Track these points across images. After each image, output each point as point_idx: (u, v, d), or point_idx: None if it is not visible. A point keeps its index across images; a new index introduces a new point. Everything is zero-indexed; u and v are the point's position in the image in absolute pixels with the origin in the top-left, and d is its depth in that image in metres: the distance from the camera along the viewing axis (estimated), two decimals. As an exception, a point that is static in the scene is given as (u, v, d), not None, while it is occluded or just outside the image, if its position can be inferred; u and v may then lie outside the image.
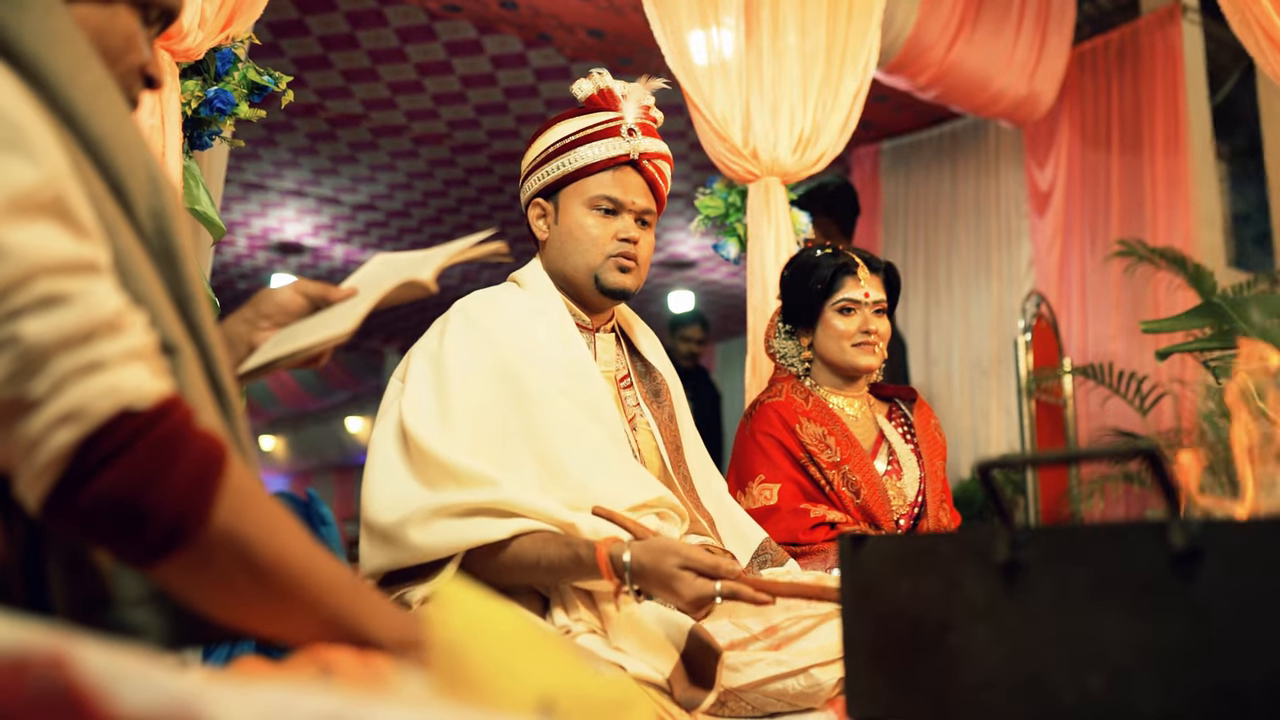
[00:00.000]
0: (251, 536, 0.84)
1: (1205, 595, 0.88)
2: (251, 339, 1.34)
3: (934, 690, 1.07)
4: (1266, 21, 2.73)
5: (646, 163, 1.99)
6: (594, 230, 1.96)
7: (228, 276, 9.58)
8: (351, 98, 6.14)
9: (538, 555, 1.69)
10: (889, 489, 2.41)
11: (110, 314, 0.81)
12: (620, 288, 1.97)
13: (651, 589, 1.64)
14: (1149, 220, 5.23)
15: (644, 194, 2.00)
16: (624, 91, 2.01)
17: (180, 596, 0.85)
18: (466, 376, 1.83)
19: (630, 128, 1.97)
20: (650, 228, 2.04)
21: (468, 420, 1.79)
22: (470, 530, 1.69)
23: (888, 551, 1.14)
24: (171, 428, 0.81)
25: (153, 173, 0.97)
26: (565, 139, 1.98)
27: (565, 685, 0.68)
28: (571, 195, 1.98)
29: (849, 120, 3.20)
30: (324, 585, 0.89)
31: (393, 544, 1.74)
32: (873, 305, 2.45)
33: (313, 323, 1.32)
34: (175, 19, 1.14)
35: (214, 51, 2.26)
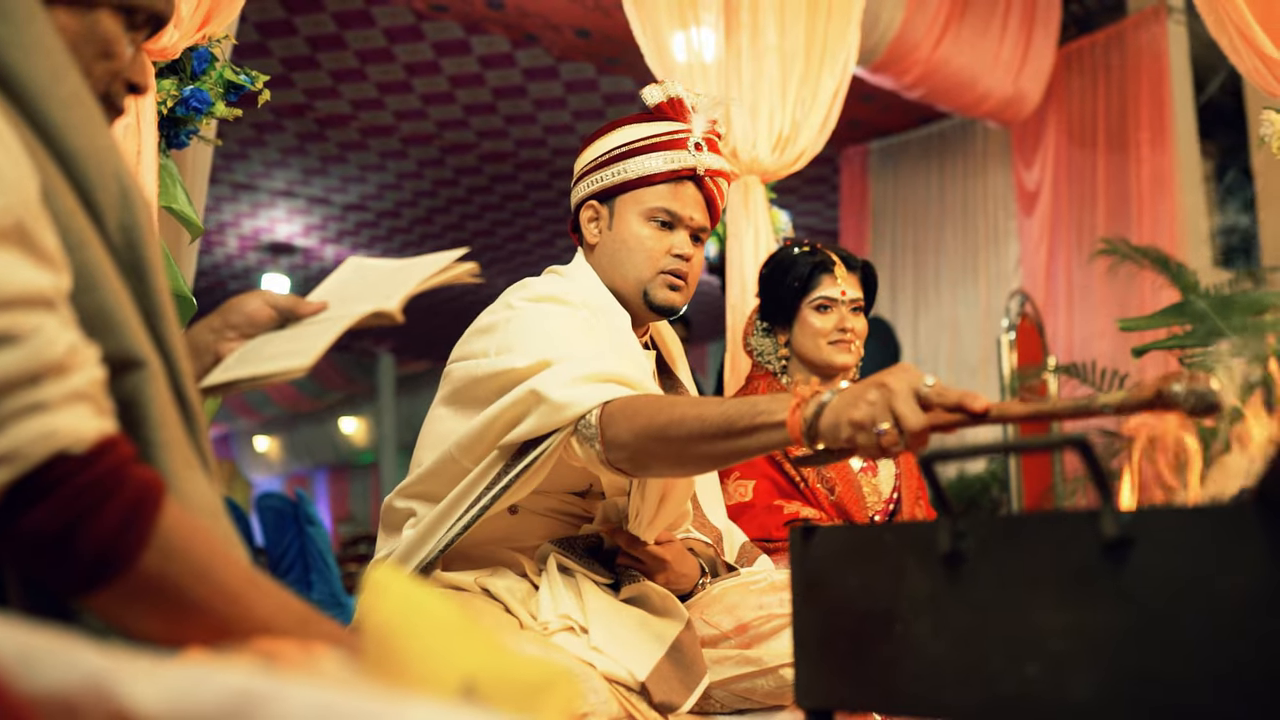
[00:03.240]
0: (182, 576, 0.85)
1: (1135, 583, 0.90)
2: (218, 349, 1.33)
3: (881, 681, 1.09)
4: (1240, 21, 2.75)
5: (708, 179, 1.93)
6: (649, 243, 1.90)
7: (218, 277, 9.59)
8: (340, 98, 6.15)
9: (700, 413, 1.47)
10: (864, 486, 2.43)
11: (59, 355, 0.81)
12: (669, 305, 1.93)
13: (848, 405, 1.28)
14: (1135, 219, 5.25)
15: (701, 210, 1.94)
16: (694, 103, 1.96)
17: (114, 624, 0.86)
18: (557, 316, 1.78)
19: (697, 142, 1.92)
20: (702, 245, 1.99)
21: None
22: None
23: (837, 544, 1.15)
24: (104, 470, 0.82)
25: (124, 185, 0.97)
26: (629, 144, 1.92)
27: (488, 668, 0.69)
28: (628, 203, 1.92)
29: (828, 119, 3.22)
30: (261, 621, 0.90)
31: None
32: (849, 303, 2.46)
33: (278, 342, 1.30)
34: (165, 24, 1.13)
35: (191, 51, 2.26)
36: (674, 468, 1.61)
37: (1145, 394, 1.12)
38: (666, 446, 1.51)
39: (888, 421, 1.22)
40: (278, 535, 5.36)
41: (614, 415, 1.56)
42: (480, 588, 1.77)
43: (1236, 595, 0.85)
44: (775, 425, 1.37)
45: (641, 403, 1.56)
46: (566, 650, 1.64)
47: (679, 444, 1.48)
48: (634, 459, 1.55)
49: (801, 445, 1.35)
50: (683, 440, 1.48)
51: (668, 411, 1.51)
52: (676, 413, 1.50)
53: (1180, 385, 1.08)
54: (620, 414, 1.55)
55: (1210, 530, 0.87)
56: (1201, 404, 1.07)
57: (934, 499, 1.06)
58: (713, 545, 2.02)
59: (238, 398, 13.99)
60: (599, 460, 1.58)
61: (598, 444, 1.56)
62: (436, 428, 1.84)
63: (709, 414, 1.45)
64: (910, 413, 1.20)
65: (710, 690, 1.75)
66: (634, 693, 1.64)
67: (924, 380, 1.23)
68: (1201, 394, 1.07)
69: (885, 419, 1.22)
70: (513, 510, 1.83)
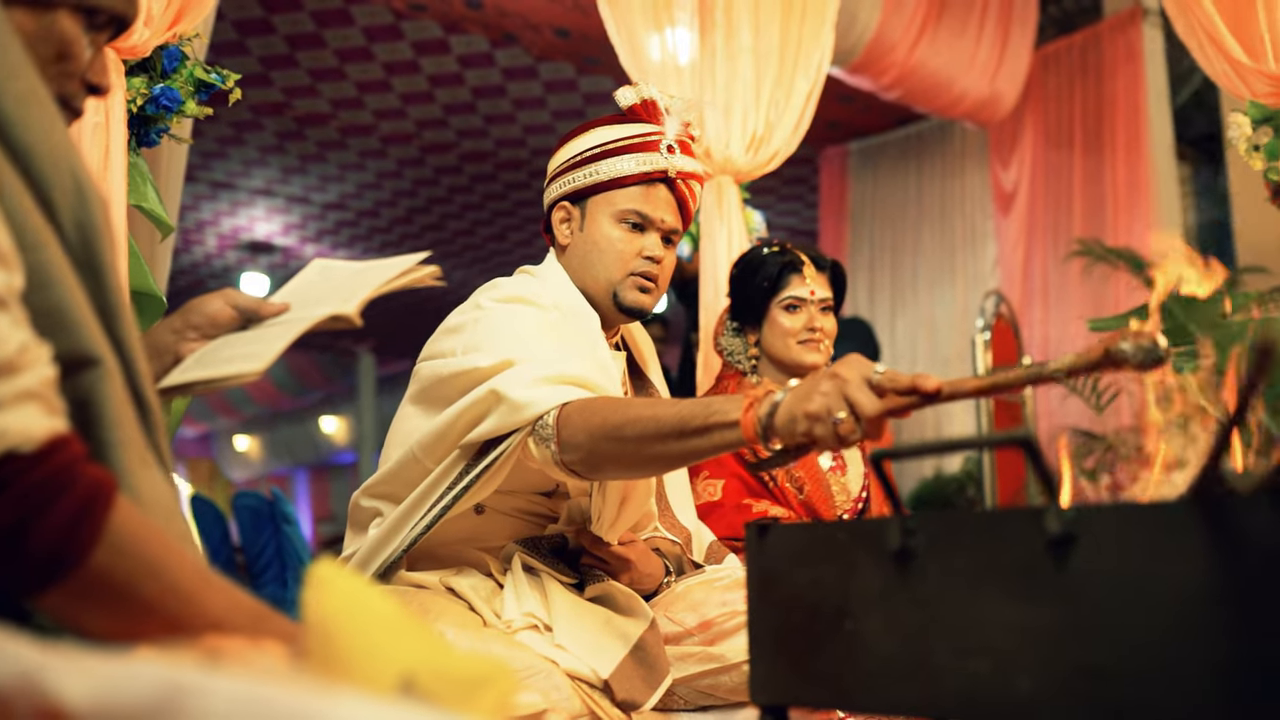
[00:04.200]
0: (133, 574, 0.85)
1: (1077, 579, 0.91)
2: (178, 349, 1.33)
3: (833, 677, 1.10)
4: (1210, 26, 2.77)
5: (680, 181, 1.93)
6: (620, 245, 1.90)
7: (197, 276, 9.56)
8: (319, 97, 6.14)
9: (654, 413, 1.47)
10: (833, 484, 2.44)
11: (9, 354, 0.81)
12: (638, 307, 1.93)
13: (801, 399, 1.29)
14: (1110, 221, 5.28)
15: (673, 212, 1.94)
16: (667, 105, 1.96)
17: (65, 623, 0.87)
18: (525, 316, 1.78)
19: (670, 144, 1.92)
20: (674, 247, 1.99)
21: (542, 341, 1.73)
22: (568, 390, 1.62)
23: (791, 541, 1.16)
24: (54, 469, 0.82)
25: (80, 183, 0.97)
26: (602, 146, 1.92)
27: (426, 663, 0.69)
28: (600, 205, 1.92)
29: (802, 120, 3.23)
30: (213, 619, 0.90)
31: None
32: (819, 303, 2.47)
33: (237, 344, 1.30)
34: (128, 25, 1.12)
35: (161, 49, 2.26)
36: (628, 469, 1.61)
37: (1094, 355, 1.15)
38: (621, 447, 1.51)
39: (843, 410, 1.23)
40: (254, 534, 5.36)
41: (570, 416, 1.56)
42: (445, 586, 1.78)
43: (1175, 590, 0.86)
44: (729, 424, 1.38)
45: (598, 404, 1.57)
46: (530, 648, 1.65)
47: (633, 444, 1.49)
48: (588, 460, 1.56)
49: (756, 444, 1.36)
50: (637, 440, 1.48)
51: (622, 412, 1.52)
52: (631, 413, 1.50)
53: (1127, 342, 1.11)
54: (577, 415, 1.56)
55: (1150, 527, 0.88)
56: (1149, 358, 1.10)
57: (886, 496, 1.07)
58: (680, 544, 2.03)
59: (217, 396, 13.95)
60: (553, 461, 1.58)
61: (553, 445, 1.57)
62: (403, 426, 1.84)
63: (663, 414, 1.45)
64: (865, 399, 1.22)
65: (673, 687, 1.75)
66: (597, 690, 1.65)
67: (874, 368, 1.25)
68: (1148, 349, 1.10)
69: (841, 408, 1.24)
70: (479, 510, 1.84)
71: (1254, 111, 2.75)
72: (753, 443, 1.36)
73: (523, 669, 1.56)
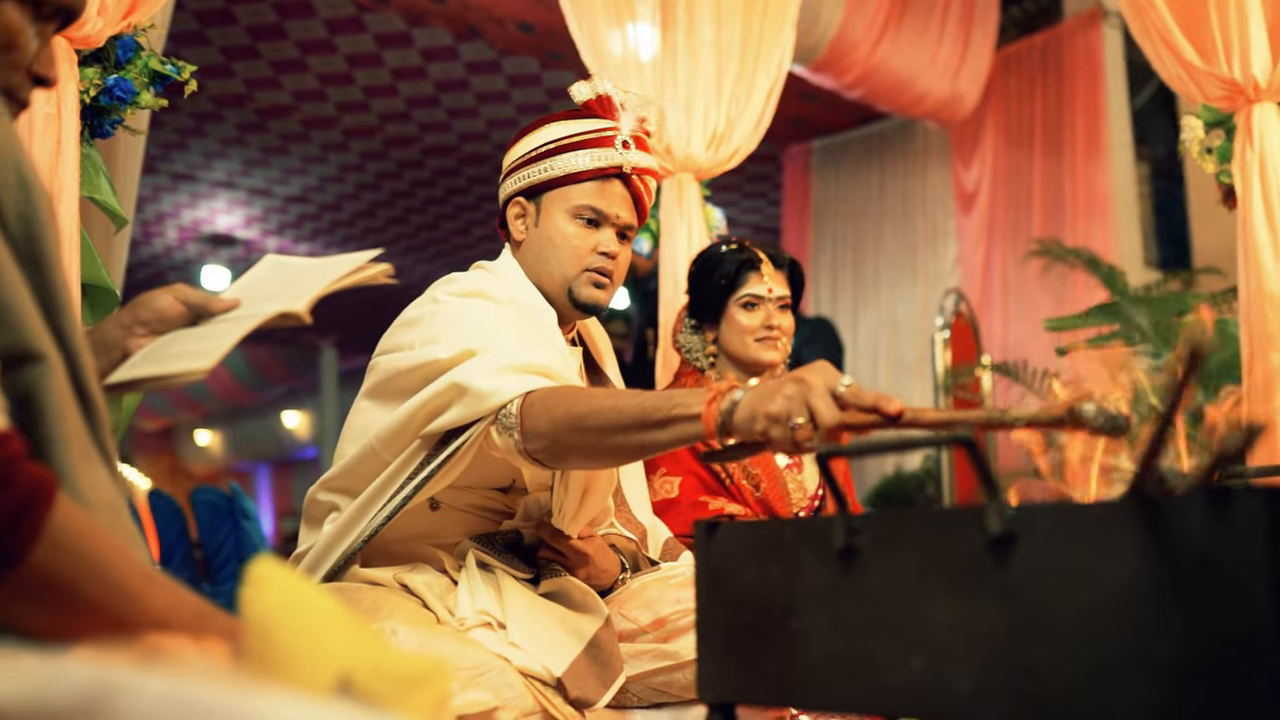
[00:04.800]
0: (74, 572, 0.85)
1: (1018, 577, 0.92)
2: (126, 345, 1.32)
3: (779, 674, 1.10)
4: (1163, 28, 2.79)
5: (636, 177, 1.93)
6: (575, 240, 1.90)
7: (157, 269, 9.47)
8: (281, 89, 6.09)
9: (616, 404, 1.49)
10: (789, 482, 2.45)
11: None
12: (593, 302, 1.93)
13: (764, 398, 1.30)
14: (1069, 221, 5.34)
15: (628, 208, 1.94)
16: (622, 101, 1.96)
17: (4, 621, 0.86)
18: (483, 310, 1.78)
19: (625, 140, 1.92)
20: (629, 242, 1.99)
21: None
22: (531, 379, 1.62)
23: (739, 539, 1.17)
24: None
25: (23, 176, 0.96)
26: (557, 141, 1.91)
27: (364, 661, 0.69)
28: (555, 200, 1.92)
29: (763, 118, 3.23)
30: (156, 618, 0.90)
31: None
32: (776, 301, 2.48)
33: (185, 340, 1.29)
34: (76, 16, 1.11)
35: (115, 39, 2.24)
36: (590, 459, 1.62)
37: (1057, 412, 1.16)
38: (583, 437, 1.52)
39: (803, 416, 1.24)
40: (213, 530, 5.33)
41: (533, 405, 1.57)
42: (399, 583, 1.77)
43: (1112, 588, 0.87)
44: (690, 418, 1.39)
45: (561, 393, 1.58)
46: (483, 646, 1.65)
47: (595, 434, 1.50)
48: (551, 449, 1.56)
49: (715, 439, 1.37)
50: (599, 431, 1.49)
51: (585, 402, 1.53)
52: (594, 403, 1.51)
53: (1091, 406, 1.12)
54: (540, 404, 1.56)
55: (1088, 525, 0.89)
56: (1110, 425, 1.11)
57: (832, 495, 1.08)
58: (635, 541, 2.04)
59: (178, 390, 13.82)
60: (516, 450, 1.58)
61: (516, 433, 1.57)
62: (359, 420, 1.83)
63: (626, 405, 1.47)
64: (826, 408, 1.23)
65: (627, 684, 1.76)
66: (550, 688, 1.65)
67: (841, 380, 1.26)
68: (1111, 416, 1.11)
69: (801, 413, 1.24)
70: (434, 506, 1.84)
71: (1206, 115, 2.79)
72: (711, 437, 1.37)
73: (474, 667, 1.56)
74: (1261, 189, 2.66)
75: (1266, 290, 2.64)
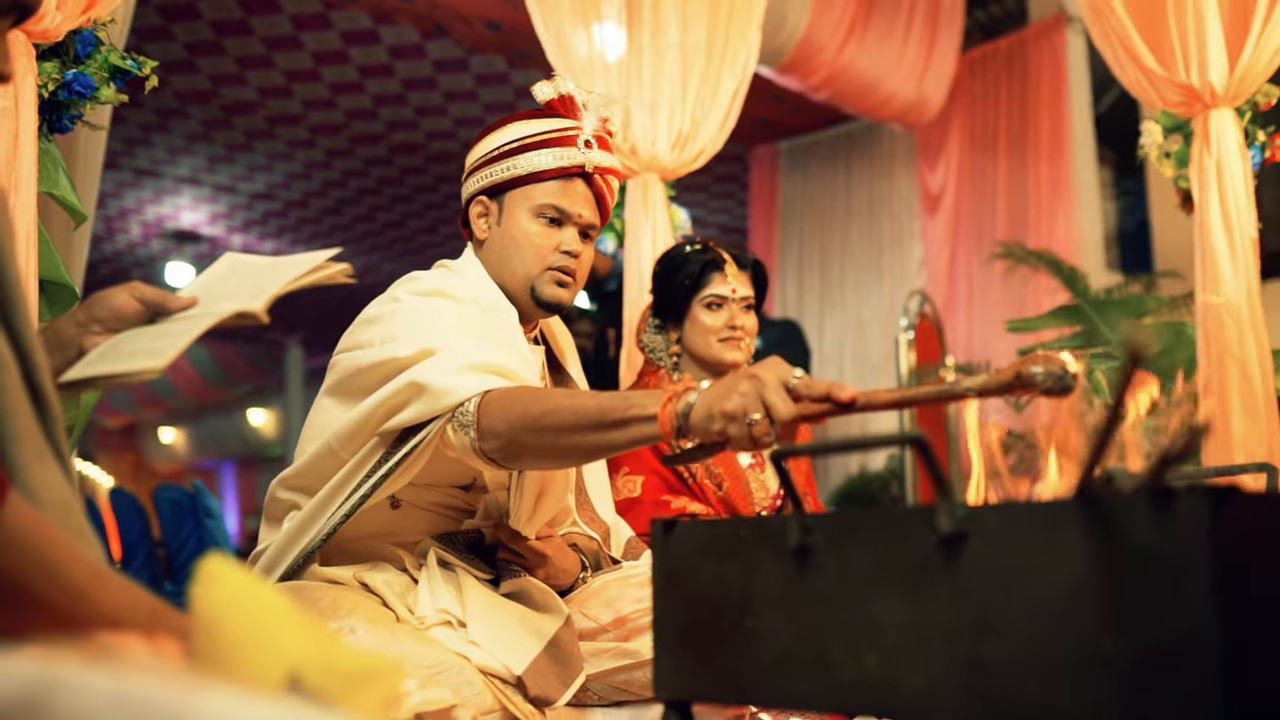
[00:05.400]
0: (24, 570, 0.84)
1: (968, 576, 0.93)
2: (81, 343, 1.31)
3: (734, 672, 1.11)
4: (1124, 35, 2.83)
5: (598, 176, 1.94)
6: (537, 239, 1.90)
7: (121, 264, 9.38)
8: (246, 85, 6.05)
9: (573, 404, 1.49)
10: (752, 482, 2.46)
11: None
12: (556, 301, 1.93)
13: (719, 397, 1.32)
14: (1033, 224, 5.38)
15: (591, 207, 1.95)
16: (584, 101, 1.96)
17: None
18: (443, 308, 1.78)
19: (588, 139, 1.92)
20: (591, 241, 1.99)
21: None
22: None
23: (696, 537, 1.17)
24: None
25: None
26: (519, 140, 1.91)
27: (313, 658, 0.69)
28: (518, 199, 1.92)
29: (728, 118, 3.24)
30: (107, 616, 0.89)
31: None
32: (740, 301, 2.49)
33: (141, 339, 1.28)
34: (32, 12, 1.10)
35: (74, 33, 2.21)
36: (546, 459, 1.62)
37: (1005, 377, 1.20)
38: (540, 437, 1.52)
39: (759, 412, 1.26)
40: (175, 527, 5.29)
41: (491, 404, 1.57)
42: (358, 582, 1.77)
43: (1060, 586, 0.88)
44: (647, 419, 1.40)
45: (518, 393, 1.58)
46: (442, 644, 1.65)
47: (552, 434, 1.50)
48: (506, 449, 1.57)
49: (672, 440, 1.39)
50: (556, 431, 1.50)
51: (542, 402, 1.53)
52: (551, 403, 1.52)
53: (1037, 367, 1.15)
54: (497, 403, 1.57)
55: (1036, 524, 0.91)
56: (1058, 385, 1.15)
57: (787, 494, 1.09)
58: (597, 540, 2.04)
59: (142, 388, 13.71)
60: (471, 449, 1.58)
61: (472, 432, 1.57)
62: (320, 419, 1.83)
63: (582, 405, 1.47)
64: (781, 402, 1.26)
65: (587, 683, 1.76)
66: (510, 686, 1.65)
67: (792, 373, 1.28)
68: (1058, 375, 1.15)
69: (756, 409, 1.27)
70: (394, 504, 1.83)
71: (1165, 120, 2.82)
72: (668, 437, 1.38)
73: (433, 665, 1.56)
74: (1218, 193, 2.70)
75: (1222, 293, 2.68)
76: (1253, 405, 2.64)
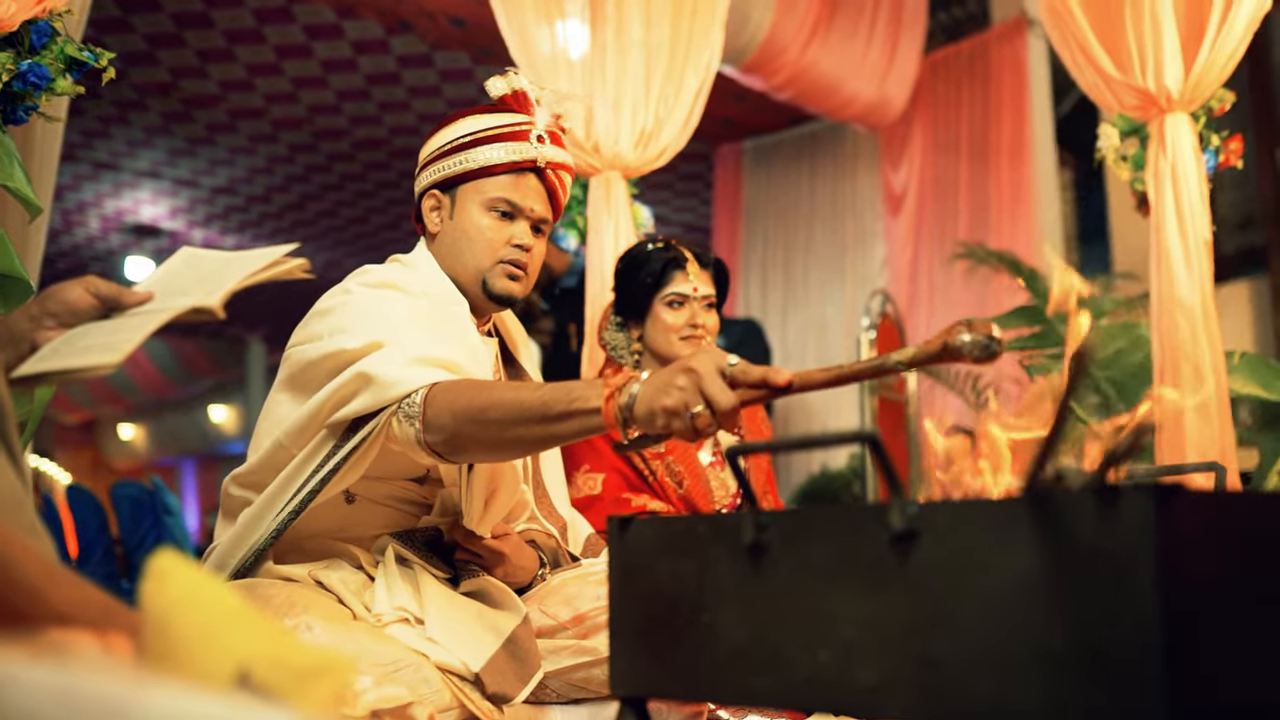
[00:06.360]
0: None
1: (918, 573, 0.94)
2: (35, 338, 1.30)
3: (689, 669, 1.12)
4: (1082, 39, 2.86)
5: (550, 171, 1.95)
6: (489, 233, 1.92)
7: (79, 258, 9.27)
8: (207, 78, 5.99)
9: (517, 397, 1.51)
10: (712, 479, 2.47)
11: None
12: (507, 294, 1.94)
13: (659, 392, 1.35)
14: (994, 225, 5.42)
15: (542, 201, 1.96)
16: (537, 97, 1.97)
17: None
18: (393, 301, 1.79)
19: (540, 134, 1.93)
20: (543, 236, 2.00)
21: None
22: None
23: (652, 534, 1.18)
24: None
25: None
26: (472, 135, 1.93)
27: (263, 654, 0.69)
28: (470, 193, 1.93)
29: (691, 117, 3.25)
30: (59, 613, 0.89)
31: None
32: (702, 300, 2.49)
33: (96, 334, 1.27)
34: None
35: (30, 24, 2.19)
36: (490, 452, 1.64)
37: (933, 347, 1.24)
38: (484, 429, 1.54)
39: (699, 405, 1.30)
40: (134, 525, 5.23)
41: (436, 397, 1.59)
42: (314, 580, 1.76)
43: (1010, 582, 0.89)
44: (590, 412, 1.43)
45: (463, 385, 1.60)
46: (400, 641, 1.64)
47: (496, 427, 1.52)
48: (450, 441, 1.58)
49: (618, 432, 1.41)
50: (499, 423, 1.51)
51: (486, 394, 1.55)
52: (494, 396, 1.54)
53: (965, 335, 1.19)
54: (442, 396, 1.58)
55: (986, 521, 0.92)
56: (984, 352, 1.19)
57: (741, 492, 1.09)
58: (555, 537, 2.04)
59: (100, 383, 13.56)
60: (415, 441, 1.59)
61: (417, 423, 1.58)
62: (273, 413, 1.83)
63: (526, 399, 1.49)
64: (719, 392, 1.29)
65: (546, 680, 1.77)
66: (468, 683, 1.65)
67: (727, 360, 1.32)
68: (983, 342, 1.18)
69: (696, 402, 1.30)
70: (349, 499, 1.83)
71: (1122, 123, 2.86)
72: (614, 429, 1.40)
73: (390, 662, 1.55)
74: (1173, 196, 2.73)
75: (1177, 295, 2.71)
76: (1205, 406, 2.67)
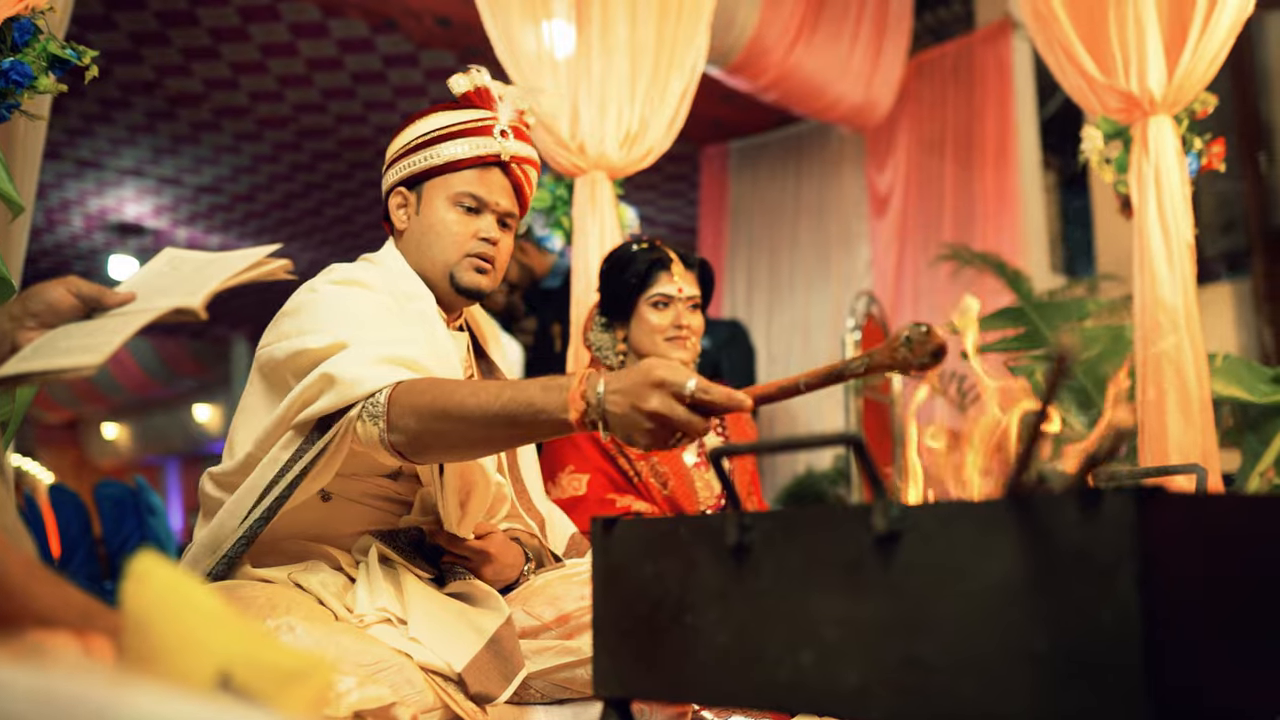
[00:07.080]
0: None
1: (901, 575, 0.94)
2: (16, 338, 1.29)
3: (672, 670, 1.12)
4: (1066, 42, 2.87)
5: (515, 166, 1.96)
6: (455, 227, 1.93)
7: (63, 257, 9.23)
8: (192, 76, 5.97)
9: (478, 400, 1.52)
10: (697, 480, 2.47)
11: None
12: (475, 288, 1.95)
13: (626, 397, 1.40)
14: (979, 227, 5.44)
15: (508, 196, 1.97)
16: (500, 93, 1.98)
17: None
18: (358, 299, 1.80)
19: (503, 129, 1.95)
20: (511, 230, 2.02)
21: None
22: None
23: (636, 535, 1.18)
24: None
25: None
26: (434, 132, 1.94)
27: (244, 656, 0.69)
28: (436, 189, 1.94)
29: (676, 118, 3.25)
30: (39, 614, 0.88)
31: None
32: (686, 300, 2.50)
33: (77, 335, 1.27)
34: None
35: (12, 21, 2.18)
36: (453, 452, 1.66)
37: (883, 355, 1.29)
38: (447, 429, 1.56)
39: (671, 439, 1.40)
40: (117, 525, 5.21)
41: (400, 396, 1.59)
42: (293, 583, 1.75)
43: (992, 584, 0.90)
44: (557, 423, 1.48)
45: (425, 385, 1.60)
46: (382, 642, 1.64)
47: (461, 427, 1.54)
48: (413, 442, 1.59)
49: None
50: (464, 424, 1.53)
51: (449, 395, 1.56)
52: (457, 397, 1.55)
53: (908, 340, 1.25)
54: (405, 396, 1.59)
55: (969, 523, 0.92)
56: (932, 360, 1.24)
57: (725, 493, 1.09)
58: (537, 535, 2.04)
59: (84, 382, 13.49)
60: (379, 440, 1.60)
61: (381, 423, 1.59)
62: (246, 412, 1.83)
63: (488, 402, 1.51)
64: (693, 421, 1.37)
65: (529, 680, 1.76)
66: (451, 683, 1.65)
67: (686, 386, 1.36)
68: (933, 349, 1.24)
69: (668, 441, 1.40)
70: (325, 497, 1.82)
71: (1105, 126, 2.87)
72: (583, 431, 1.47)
73: (373, 663, 1.55)
74: (1156, 199, 2.74)
75: (1159, 297, 2.72)
76: (1188, 407, 2.69)
